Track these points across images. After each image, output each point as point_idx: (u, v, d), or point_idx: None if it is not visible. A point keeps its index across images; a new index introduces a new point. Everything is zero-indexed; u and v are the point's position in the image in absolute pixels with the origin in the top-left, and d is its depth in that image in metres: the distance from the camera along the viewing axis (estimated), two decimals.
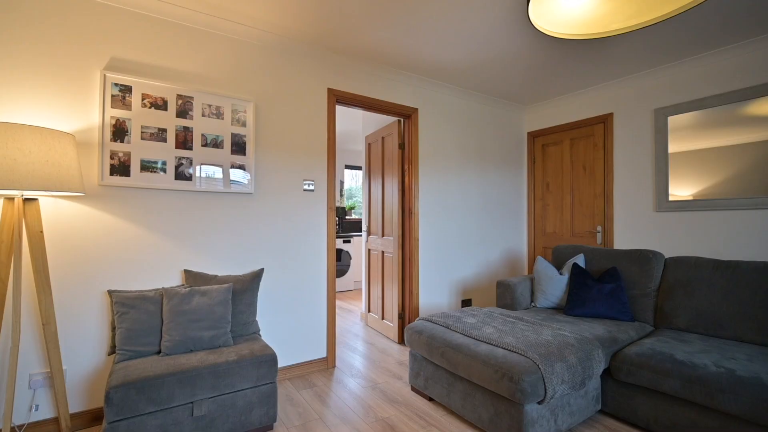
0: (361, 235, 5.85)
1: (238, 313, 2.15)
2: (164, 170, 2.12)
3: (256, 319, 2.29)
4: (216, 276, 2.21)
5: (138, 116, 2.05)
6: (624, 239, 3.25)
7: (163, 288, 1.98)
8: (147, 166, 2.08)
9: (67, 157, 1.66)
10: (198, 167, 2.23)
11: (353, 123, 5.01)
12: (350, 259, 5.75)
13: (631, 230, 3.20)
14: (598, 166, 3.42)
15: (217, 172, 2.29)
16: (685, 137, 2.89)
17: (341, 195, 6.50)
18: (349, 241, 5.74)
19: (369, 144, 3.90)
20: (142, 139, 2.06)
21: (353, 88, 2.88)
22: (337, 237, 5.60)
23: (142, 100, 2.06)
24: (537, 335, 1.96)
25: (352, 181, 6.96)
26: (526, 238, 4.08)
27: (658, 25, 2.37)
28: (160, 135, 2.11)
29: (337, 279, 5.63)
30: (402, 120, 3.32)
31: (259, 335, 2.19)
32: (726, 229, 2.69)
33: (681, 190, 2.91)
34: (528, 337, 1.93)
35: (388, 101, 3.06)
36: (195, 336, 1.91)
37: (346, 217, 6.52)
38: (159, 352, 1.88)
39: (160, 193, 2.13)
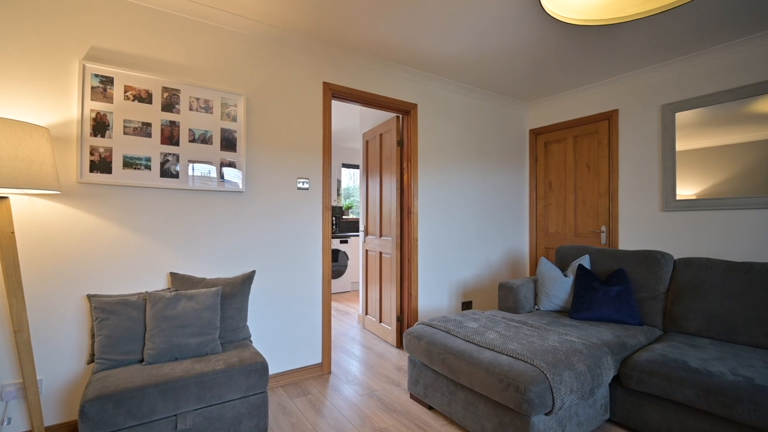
0: (358, 236, 5.74)
1: (227, 318, 2.03)
2: (149, 167, 2.01)
3: (247, 324, 2.18)
4: (204, 279, 2.09)
5: (120, 109, 1.93)
6: (629, 239, 3.15)
7: (146, 292, 1.87)
8: (130, 163, 1.96)
9: (40, 153, 1.54)
10: (185, 164, 2.11)
11: (351, 120, 4.90)
12: (347, 259, 5.64)
13: (637, 230, 3.10)
14: (602, 164, 3.32)
15: (206, 170, 2.18)
16: (688, 135, 2.80)
17: (338, 194, 6.39)
18: (346, 242, 5.63)
19: (366, 141, 3.79)
20: (125, 133, 1.95)
21: (350, 82, 2.76)
22: (334, 237, 5.49)
23: (125, 92, 1.94)
24: (543, 341, 1.85)
25: (350, 180, 6.85)
26: (527, 238, 3.98)
27: (666, 19, 2.27)
28: (144, 129, 1.99)
29: (333, 280, 5.52)
30: (401, 116, 3.21)
31: (250, 341, 2.08)
32: (736, 229, 2.60)
33: (683, 189, 2.82)
34: (533, 343, 1.83)
35: (386, 96, 2.95)
36: (181, 343, 1.79)
37: (344, 217, 6.40)
38: (142, 361, 1.76)
39: (144, 192, 2.01)
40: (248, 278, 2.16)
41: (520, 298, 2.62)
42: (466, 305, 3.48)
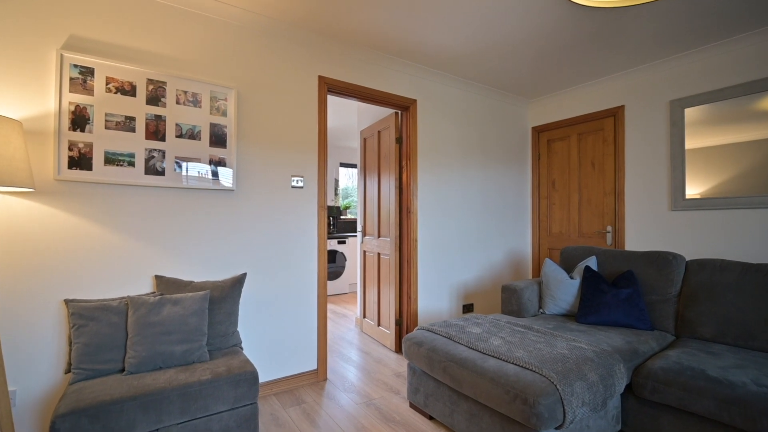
0: (356, 236, 5.63)
1: (216, 324, 1.92)
2: (132, 163, 1.89)
3: (238, 329, 2.06)
4: (192, 282, 1.98)
5: (102, 102, 1.82)
6: (636, 240, 3.04)
7: (128, 296, 1.75)
8: (112, 159, 1.84)
9: (10, 147, 1.43)
10: (172, 160, 2.00)
11: (348, 118, 4.79)
12: (345, 260, 5.53)
13: (644, 230, 3.00)
14: (608, 162, 3.22)
15: (194, 167, 2.06)
16: (693, 133, 2.71)
17: (336, 194, 6.28)
18: (344, 242, 5.51)
19: (364, 139, 3.68)
20: (107, 128, 1.83)
21: (347, 76, 2.65)
22: (332, 238, 5.37)
23: (107, 84, 1.83)
24: (551, 348, 1.74)
25: (349, 180, 6.74)
26: (530, 238, 3.87)
27: (676, 8, 2.16)
28: (127, 124, 1.88)
29: (331, 282, 5.40)
30: (399, 112, 3.10)
31: (240, 348, 1.97)
32: (749, 229, 2.49)
33: (689, 188, 2.72)
34: (541, 350, 1.72)
35: (384, 91, 2.84)
36: (165, 351, 1.68)
37: (341, 217, 6.29)
38: (123, 370, 1.65)
39: (127, 190, 1.90)
40: (239, 281, 2.05)
41: (524, 301, 2.51)
42: (467, 308, 3.37)
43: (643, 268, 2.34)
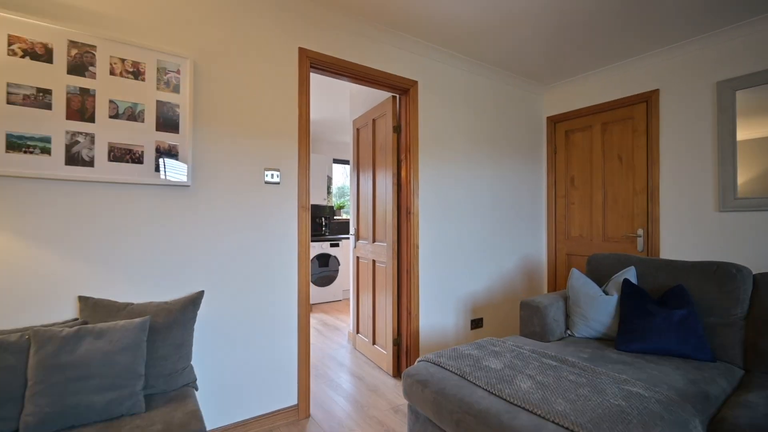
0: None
1: (158, 360, 1.47)
2: (47, 150, 1.44)
3: (191, 363, 1.62)
4: (130, 304, 1.53)
5: (3, 69, 1.37)
6: (674, 246, 2.61)
7: (32, 328, 1.31)
8: (18, 144, 1.40)
9: None
10: (104, 147, 1.55)
11: (344, 109, 4.34)
12: (338, 264, 5.09)
13: (685, 235, 2.57)
14: (638, 155, 2.78)
15: (136, 156, 1.62)
16: (740, 122, 2.28)
17: (329, 192, 5.83)
18: (337, 245, 5.07)
19: (357, 129, 3.23)
20: (10, 103, 1.38)
21: (335, 50, 2.21)
22: (325, 240, 4.93)
23: (9, 44, 1.38)
24: (599, 395, 1.31)
25: (345, 178, 6.29)
26: (545, 243, 3.44)
27: None
28: (40, 99, 1.43)
29: (322, 288, 4.96)
30: (398, 96, 2.66)
31: (193, 387, 1.53)
32: None
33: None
34: (587, 398, 1.28)
35: (380, 70, 2.40)
36: (80, 403, 1.23)
37: (335, 218, 5.85)
38: None
39: (40, 184, 1.45)
40: (193, 301, 1.60)
41: (549, 322, 2.08)
42: (476, 323, 2.93)
43: (696, 283, 1.91)
